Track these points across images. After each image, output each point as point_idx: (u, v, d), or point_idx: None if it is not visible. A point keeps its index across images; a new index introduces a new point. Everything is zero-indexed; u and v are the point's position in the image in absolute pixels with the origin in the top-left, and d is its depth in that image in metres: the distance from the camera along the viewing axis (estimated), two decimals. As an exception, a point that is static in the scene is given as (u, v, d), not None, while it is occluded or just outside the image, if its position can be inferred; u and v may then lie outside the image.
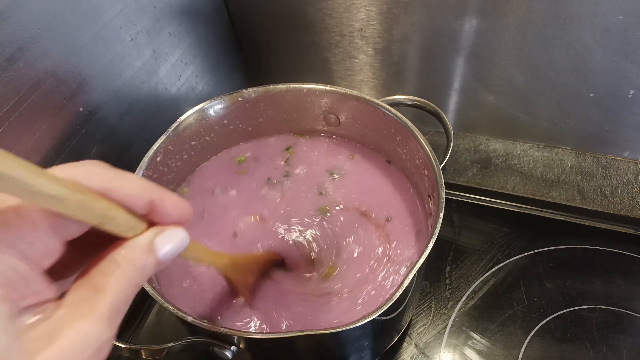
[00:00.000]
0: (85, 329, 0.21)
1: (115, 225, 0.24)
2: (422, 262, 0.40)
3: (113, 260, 0.24)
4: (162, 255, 0.25)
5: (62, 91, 0.48)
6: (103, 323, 0.22)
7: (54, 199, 0.20)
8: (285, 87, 0.57)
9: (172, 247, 0.26)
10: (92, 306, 0.22)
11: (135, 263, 0.24)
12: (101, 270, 0.23)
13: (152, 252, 0.25)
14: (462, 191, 0.72)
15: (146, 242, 0.25)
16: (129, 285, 0.23)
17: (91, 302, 0.22)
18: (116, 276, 0.23)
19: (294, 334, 0.38)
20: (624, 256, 0.62)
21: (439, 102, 0.71)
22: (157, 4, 0.60)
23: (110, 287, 0.23)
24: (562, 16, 0.59)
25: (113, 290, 0.23)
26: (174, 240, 0.26)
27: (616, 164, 0.73)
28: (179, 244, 0.27)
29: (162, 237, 0.26)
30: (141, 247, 0.25)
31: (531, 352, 0.54)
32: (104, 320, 0.22)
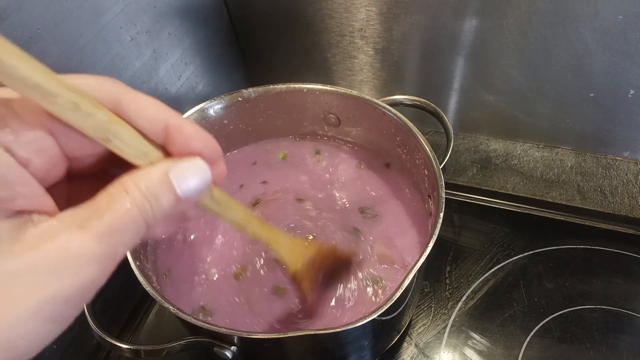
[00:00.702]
0: (71, 239, 0.19)
1: (122, 144, 0.21)
2: (422, 262, 0.40)
3: (122, 184, 0.21)
4: (181, 190, 0.22)
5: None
6: (93, 238, 0.20)
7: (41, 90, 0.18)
8: (285, 87, 0.57)
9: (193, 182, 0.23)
10: (87, 221, 0.20)
11: (146, 192, 0.21)
12: (107, 192, 0.21)
13: (167, 183, 0.22)
14: (462, 191, 0.72)
15: (161, 171, 0.22)
16: (135, 213, 0.21)
17: (87, 218, 0.20)
18: (122, 199, 0.21)
19: (294, 334, 0.38)
20: (624, 256, 0.62)
21: (439, 102, 0.71)
22: (157, 4, 0.60)
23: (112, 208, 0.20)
24: (562, 16, 0.59)
25: (114, 212, 0.20)
26: (193, 174, 0.23)
27: (616, 164, 0.73)
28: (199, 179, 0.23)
29: (179, 167, 0.22)
30: (156, 177, 0.22)
31: (531, 352, 0.54)
32: (94, 236, 0.20)
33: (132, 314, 0.61)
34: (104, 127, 0.20)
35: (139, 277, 0.41)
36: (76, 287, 0.20)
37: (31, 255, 0.19)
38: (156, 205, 0.21)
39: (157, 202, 0.21)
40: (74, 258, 0.19)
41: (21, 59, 0.18)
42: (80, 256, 0.19)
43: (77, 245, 0.19)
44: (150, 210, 0.21)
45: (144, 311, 0.62)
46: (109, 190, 0.21)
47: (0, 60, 0.17)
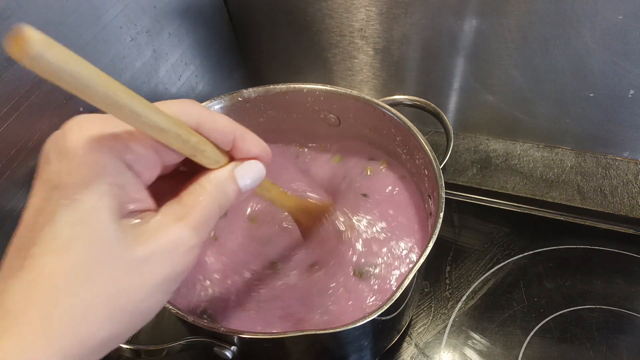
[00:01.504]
0: (176, 232, 0.26)
1: (204, 157, 0.28)
2: (422, 262, 0.40)
3: (200, 184, 0.28)
4: (242, 184, 0.30)
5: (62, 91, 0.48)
6: (191, 231, 0.26)
7: (157, 129, 0.24)
8: (285, 87, 0.57)
9: (250, 177, 0.30)
10: (183, 217, 0.26)
11: (218, 187, 0.28)
12: (190, 190, 0.28)
13: (233, 180, 0.29)
14: (462, 191, 0.72)
15: (228, 171, 0.29)
16: (213, 204, 0.28)
17: (182, 214, 0.26)
18: (203, 195, 0.28)
19: (294, 334, 0.38)
20: (624, 256, 0.62)
21: (439, 102, 0.71)
22: (157, 4, 0.60)
23: (197, 203, 0.27)
24: (562, 16, 0.60)
25: (200, 206, 0.27)
26: (251, 172, 0.31)
27: (616, 164, 0.73)
28: (256, 175, 0.31)
29: (241, 168, 0.30)
30: (224, 175, 0.29)
31: (531, 352, 0.54)
32: (191, 229, 0.26)
33: (132, 314, 0.61)
34: (195, 147, 0.27)
35: (139, 277, 0.41)
36: (182, 268, 0.26)
37: (151, 245, 0.25)
38: (225, 197, 0.29)
39: (226, 194, 0.29)
40: (180, 247, 0.26)
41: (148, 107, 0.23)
42: (184, 244, 0.26)
43: (182, 237, 0.26)
44: (222, 201, 0.28)
45: (144, 311, 0.62)
46: (191, 189, 0.28)
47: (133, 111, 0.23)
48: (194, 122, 0.27)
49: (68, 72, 0.20)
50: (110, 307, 0.23)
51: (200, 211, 0.27)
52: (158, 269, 0.25)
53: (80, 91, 0.21)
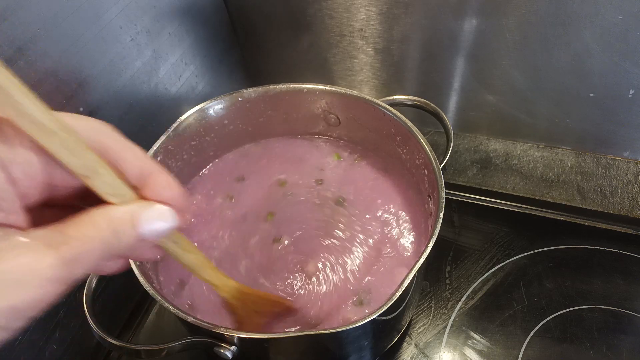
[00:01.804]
0: (38, 258, 0.21)
1: (101, 183, 0.23)
2: (422, 262, 0.40)
3: (91, 217, 0.23)
4: (144, 231, 0.24)
5: (63, 91, 0.48)
6: (58, 262, 0.21)
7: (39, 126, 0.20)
8: (285, 87, 0.57)
9: (157, 226, 0.25)
10: (56, 244, 0.21)
11: (112, 226, 0.23)
12: (76, 222, 0.23)
13: (134, 224, 0.24)
14: (462, 191, 0.72)
15: (130, 211, 0.24)
16: (99, 244, 0.23)
17: (56, 241, 0.22)
18: (91, 230, 0.23)
19: (294, 334, 0.38)
20: (624, 256, 0.62)
21: (439, 102, 0.71)
22: (157, 4, 0.60)
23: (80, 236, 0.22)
24: (562, 16, 0.59)
25: (82, 239, 0.22)
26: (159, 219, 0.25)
27: (616, 164, 0.73)
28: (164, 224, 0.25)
29: (148, 211, 0.25)
30: (123, 215, 0.24)
31: (531, 352, 0.54)
32: (60, 260, 0.21)
33: (132, 314, 0.62)
34: (88, 166, 0.22)
35: (139, 277, 0.41)
36: (33, 301, 0.21)
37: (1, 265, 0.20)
38: (118, 241, 0.23)
39: (119, 238, 0.23)
40: (38, 275, 0.21)
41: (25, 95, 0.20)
42: (43, 275, 0.21)
43: (44, 265, 0.21)
44: (112, 244, 0.23)
45: (144, 311, 0.62)
46: (79, 219, 0.23)
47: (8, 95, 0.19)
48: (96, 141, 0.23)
49: None
50: None
51: (80, 246, 0.22)
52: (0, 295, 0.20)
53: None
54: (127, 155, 0.24)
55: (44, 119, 0.20)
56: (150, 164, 0.25)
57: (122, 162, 0.24)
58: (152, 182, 0.25)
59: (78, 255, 0.22)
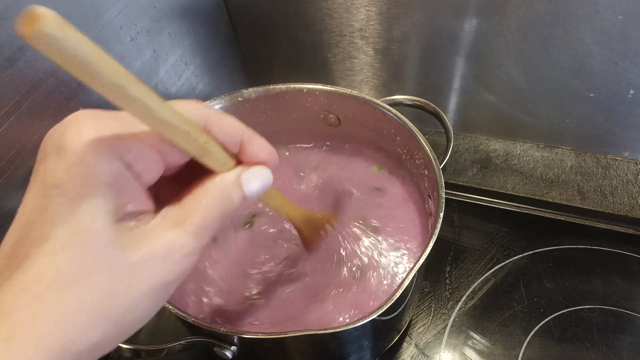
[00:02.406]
0: (174, 236, 0.25)
1: (211, 158, 0.27)
2: (422, 262, 0.40)
3: (204, 187, 0.27)
4: (248, 190, 0.28)
5: (63, 91, 0.48)
6: (189, 235, 0.25)
7: (167, 125, 0.23)
8: (285, 87, 0.57)
9: (257, 184, 0.29)
10: (182, 220, 0.25)
11: (223, 192, 0.27)
12: (193, 194, 0.27)
13: (239, 185, 0.28)
14: (462, 191, 0.72)
15: (234, 175, 0.28)
16: (215, 209, 0.26)
17: (181, 217, 0.25)
18: (206, 199, 0.26)
19: (294, 334, 0.38)
20: (624, 256, 0.62)
21: (439, 102, 0.71)
22: (157, 4, 0.60)
23: (199, 207, 0.26)
24: (562, 16, 0.59)
25: (201, 210, 0.26)
26: (258, 178, 0.29)
27: (616, 164, 0.73)
28: (263, 182, 0.29)
29: (248, 173, 0.28)
30: (230, 180, 0.28)
31: (531, 352, 0.54)
32: (190, 233, 0.25)
33: (132, 314, 0.61)
34: (203, 147, 0.26)
35: (139, 277, 0.41)
36: (177, 274, 0.25)
37: (146, 250, 0.24)
38: (229, 203, 0.27)
39: (230, 200, 0.27)
40: (176, 252, 0.25)
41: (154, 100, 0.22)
42: (181, 250, 0.25)
43: (179, 242, 0.25)
44: (226, 206, 0.27)
45: (144, 311, 0.62)
46: (194, 193, 0.27)
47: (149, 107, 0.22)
48: (202, 121, 0.27)
49: (79, 55, 0.18)
50: (98, 312, 0.22)
51: (201, 216, 0.26)
52: (150, 274, 0.24)
53: (90, 77, 0.20)
54: (227, 129, 0.28)
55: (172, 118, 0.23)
56: (245, 130, 0.29)
57: (223, 135, 0.27)
58: (249, 147, 0.29)
59: (202, 225, 0.26)
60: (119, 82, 0.21)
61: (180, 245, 0.25)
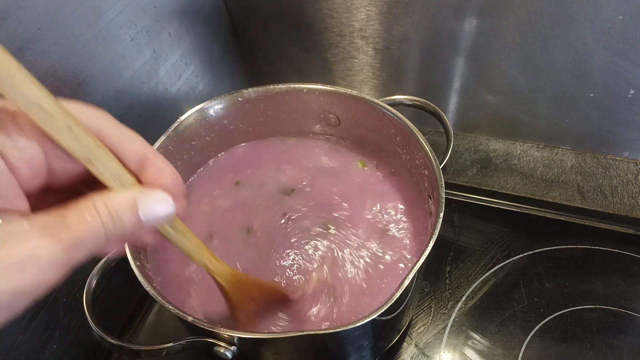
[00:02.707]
0: (40, 245, 0.21)
1: (101, 167, 0.24)
2: (422, 262, 0.40)
3: (92, 202, 0.23)
4: (144, 217, 0.25)
5: (63, 91, 0.48)
6: (60, 248, 0.22)
7: (42, 110, 0.21)
8: (285, 87, 0.57)
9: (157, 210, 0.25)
10: (56, 231, 0.22)
11: (113, 212, 0.23)
12: (77, 207, 0.23)
13: (134, 208, 0.24)
14: (462, 191, 0.72)
15: (130, 197, 0.24)
16: (100, 230, 0.23)
17: (57, 227, 0.22)
18: (90, 215, 0.23)
19: (294, 334, 0.38)
20: (624, 256, 0.62)
21: (439, 102, 0.71)
22: (157, 4, 0.60)
23: (80, 222, 0.23)
24: (562, 16, 0.59)
25: (82, 226, 0.23)
26: (158, 204, 0.25)
27: (616, 164, 0.73)
28: (164, 209, 0.26)
29: (148, 197, 0.25)
30: (124, 200, 0.24)
31: (531, 352, 0.54)
32: (62, 247, 0.22)
33: (132, 314, 0.62)
34: (89, 150, 0.23)
35: (139, 277, 0.41)
36: (33, 285, 0.22)
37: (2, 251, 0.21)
38: (119, 226, 0.24)
39: (120, 223, 0.24)
40: (39, 261, 0.21)
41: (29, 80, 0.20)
42: (45, 260, 0.21)
43: (45, 251, 0.21)
44: (113, 229, 0.23)
45: (144, 311, 0.62)
46: (79, 204, 0.23)
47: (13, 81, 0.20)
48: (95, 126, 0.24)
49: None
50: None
51: (81, 232, 0.22)
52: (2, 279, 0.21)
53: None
54: (126, 141, 0.25)
55: (50, 107, 0.21)
56: (149, 150, 0.26)
57: (121, 148, 0.25)
58: (150, 167, 0.26)
59: (78, 240, 0.22)
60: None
61: (45, 255, 0.22)
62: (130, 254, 0.43)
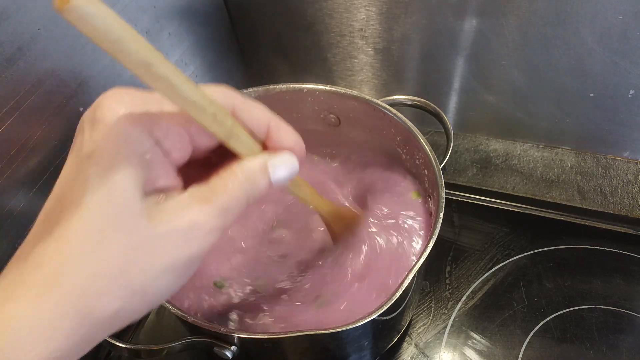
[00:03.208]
0: (199, 213, 0.25)
1: (238, 142, 0.27)
2: (422, 262, 0.40)
3: (231, 170, 0.27)
4: (274, 177, 0.29)
5: (62, 91, 0.48)
6: (214, 213, 0.25)
7: (194, 105, 0.24)
8: (285, 87, 0.57)
9: (283, 171, 0.29)
10: (208, 198, 0.26)
11: (249, 177, 0.27)
12: (220, 175, 0.27)
13: (265, 171, 0.28)
14: (462, 191, 0.72)
15: (261, 161, 0.28)
16: (241, 192, 0.27)
17: (208, 196, 0.26)
18: (232, 182, 0.27)
19: (294, 334, 0.38)
20: (624, 256, 0.62)
21: (439, 102, 0.71)
22: (157, 4, 0.60)
23: (225, 188, 0.26)
24: (562, 16, 0.59)
25: (227, 191, 0.26)
26: (284, 165, 0.29)
27: (616, 164, 0.73)
28: (289, 169, 0.30)
29: (275, 159, 0.29)
30: (256, 165, 0.28)
31: (531, 352, 0.54)
32: (215, 212, 0.26)
33: (132, 314, 0.61)
34: (229, 130, 0.27)
35: (139, 277, 0.41)
36: (200, 250, 0.26)
37: (171, 223, 0.24)
38: (255, 188, 0.28)
39: (256, 185, 0.28)
40: (201, 228, 0.25)
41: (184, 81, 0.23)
42: (205, 227, 0.25)
43: (203, 218, 0.25)
44: (251, 191, 0.28)
45: (144, 311, 0.62)
46: (222, 175, 0.27)
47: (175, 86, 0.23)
48: (230, 106, 0.27)
49: (109, 31, 0.19)
50: (117, 279, 0.23)
51: (227, 196, 0.26)
52: (172, 247, 0.24)
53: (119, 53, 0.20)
54: (254, 113, 0.28)
55: (201, 101, 0.24)
56: (272, 117, 0.30)
57: (250, 120, 0.28)
58: (275, 134, 0.29)
59: (227, 205, 0.26)
60: (147, 59, 0.21)
61: (203, 222, 0.25)
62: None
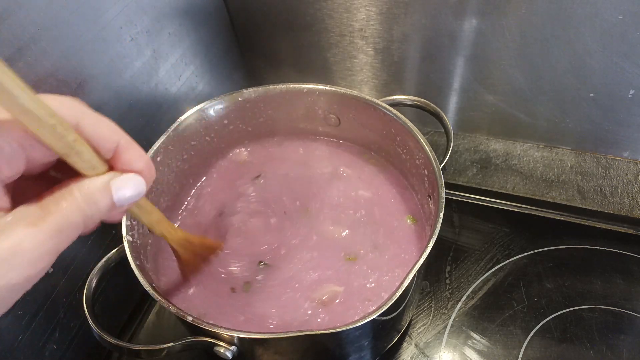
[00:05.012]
0: (25, 236, 0.23)
1: (79, 159, 0.25)
2: (422, 262, 0.40)
3: (68, 189, 0.25)
4: (117, 198, 0.27)
5: (62, 91, 0.48)
6: (44, 236, 0.23)
7: (30, 115, 0.22)
8: (285, 87, 0.57)
9: (128, 191, 0.27)
10: (37, 220, 0.23)
11: (89, 196, 0.25)
12: (55, 194, 0.25)
13: (107, 192, 0.26)
14: (462, 191, 0.72)
15: (103, 180, 0.26)
16: (77, 214, 0.24)
17: (37, 217, 0.23)
18: (68, 202, 0.24)
19: (294, 334, 0.38)
20: (624, 256, 0.62)
21: (439, 102, 0.71)
22: (157, 4, 0.60)
23: (58, 209, 0.24)
24: (562, 16, 0.59)
25: (60, 212, 0.24)
26: (129, 186, 0.27)
27: (616, 164, 0.73)
28: (134, 191, 0.28)
29: (119, 179, 0.27)
30: (98, 184, 0.26)
31: (531, 352, 0.54)
32: (45, 235, 0.23)
33: (132, 314, 0.62)
34: (70, 145, 0.24)
35: (139, 277, 0.41)
36: (25, 277, 0.23)
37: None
38: (95, 209, 0.25)
39: (95, 205, 0.26)
40: (27, 252, 0.22)
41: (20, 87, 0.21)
42: (32, 251, 0.23)
43: (30, 241, 0.22)
44: (90, 212, 0.25)
45: (144, 311, 0.62)
46: (56, 193, 0.25)
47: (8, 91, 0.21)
48: (73, 120, 0.25)
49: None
50: None
51: (60, 219, 0.24)
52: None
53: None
54: (101, 130, 0.26)
55: (38, 111, 0.22)
56: (122, 136, 0.27)
57: (97, 137, 0.26)
58: (124, 154, 0.27)
59: (59, 228, 0.24)
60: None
61: (31, 245, 0.23)
62: (130, 254, 0.43)
